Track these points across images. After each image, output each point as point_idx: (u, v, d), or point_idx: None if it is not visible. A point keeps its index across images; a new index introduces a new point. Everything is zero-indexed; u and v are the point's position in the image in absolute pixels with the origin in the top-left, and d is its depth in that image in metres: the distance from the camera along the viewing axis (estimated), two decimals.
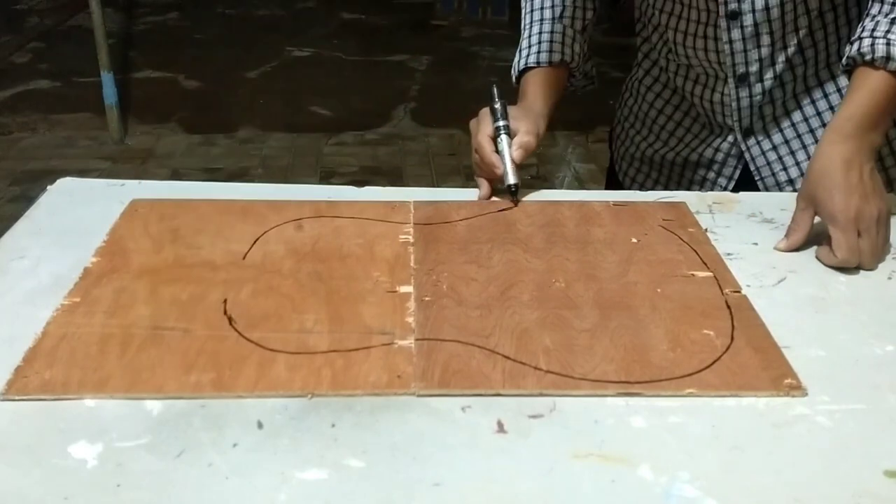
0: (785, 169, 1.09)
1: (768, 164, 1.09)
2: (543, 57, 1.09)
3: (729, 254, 0.88)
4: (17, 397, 0.65)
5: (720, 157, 1.13)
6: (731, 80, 1.05)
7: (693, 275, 0.84)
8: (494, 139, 1.00)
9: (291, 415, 0.64)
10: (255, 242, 0.88)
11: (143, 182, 1.02)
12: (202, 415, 0.63)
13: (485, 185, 1.01)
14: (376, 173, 3.15)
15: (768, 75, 1.04)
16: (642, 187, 1.21)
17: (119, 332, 0.72)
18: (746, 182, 1.12)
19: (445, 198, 1.00)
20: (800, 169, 1.07)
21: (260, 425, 0.63)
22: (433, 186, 2.76)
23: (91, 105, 3.56)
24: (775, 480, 0.59)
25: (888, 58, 0.89)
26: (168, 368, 0.68)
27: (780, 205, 1.00)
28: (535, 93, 1.08)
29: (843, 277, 0.85)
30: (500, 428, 0.63)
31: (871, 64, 0.90)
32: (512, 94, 1.08)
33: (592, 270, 0.84)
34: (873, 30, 0.90)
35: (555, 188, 3.28)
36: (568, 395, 0.66)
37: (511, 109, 1.03)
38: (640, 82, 1.19)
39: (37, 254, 0.85)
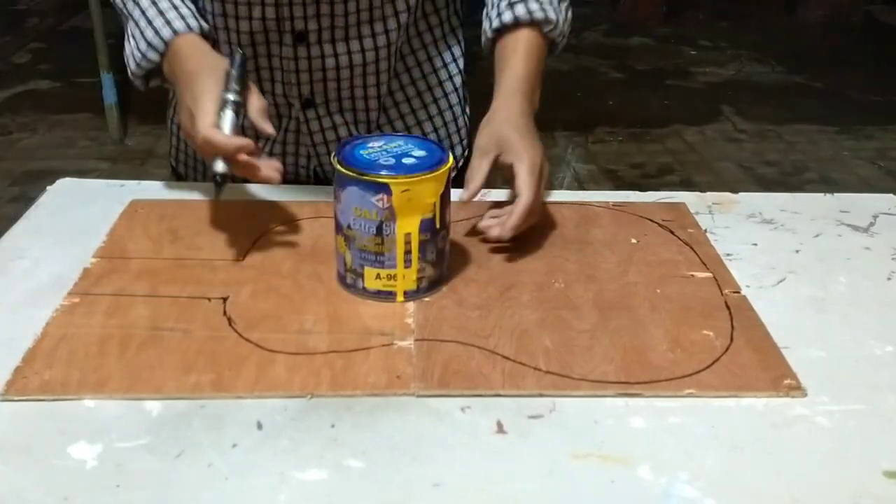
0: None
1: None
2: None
3: (728, 254, 0.88)
4: (16, 398, 0.65)
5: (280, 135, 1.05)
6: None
7: (692, 275, 0.84)
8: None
9: (291, 415, 0.64)
10: (254, 243, 0.88)
11: (143, 182, 1.02)
12: (202, 415, 0.63)
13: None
14: None
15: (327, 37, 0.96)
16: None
17: (118, 333, 0.72)
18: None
19: None
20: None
21: (259, 426, 0.63)
22: None
23: (91, 105, 3.55)
24: (775, 480, 0.59)
25: (547, 21, 0.95)
26: (167, 369, 0.68)
27: (779, 205, 1.00)
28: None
29: (843, 277, 0.85)
30: (500, 428, 0.63)
31: (531, 26, 0.95)
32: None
33: (592, 271, 0.84)
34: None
35: (554, 189, 3.29)
36: (567, 395, 0.66)
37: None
38: None
39: (36, 254, 0.85)
